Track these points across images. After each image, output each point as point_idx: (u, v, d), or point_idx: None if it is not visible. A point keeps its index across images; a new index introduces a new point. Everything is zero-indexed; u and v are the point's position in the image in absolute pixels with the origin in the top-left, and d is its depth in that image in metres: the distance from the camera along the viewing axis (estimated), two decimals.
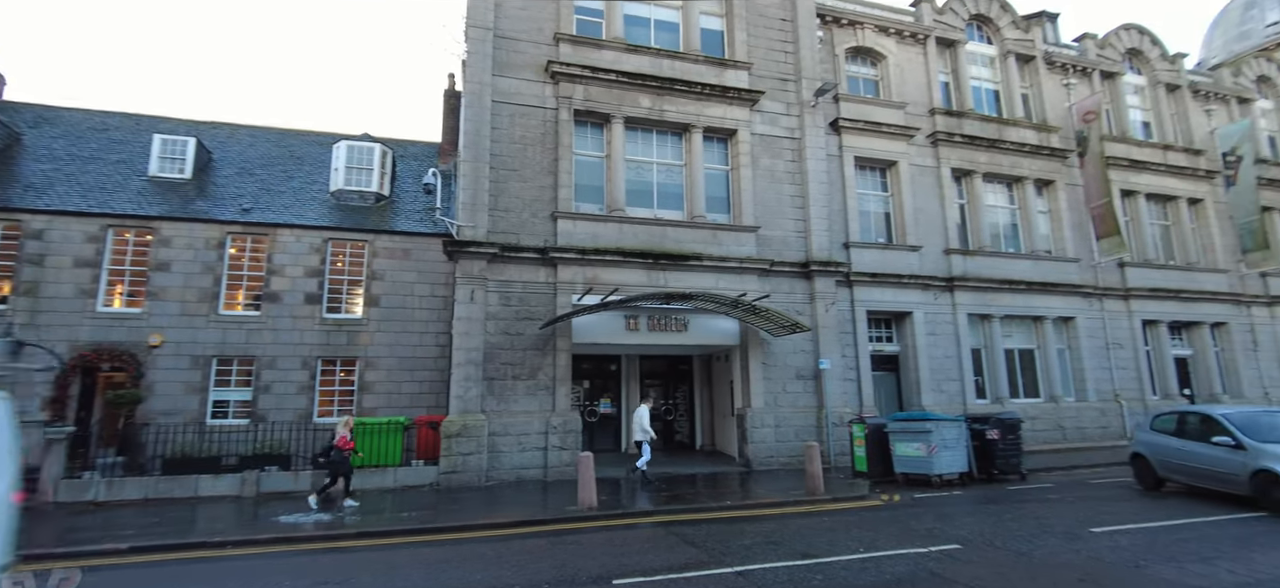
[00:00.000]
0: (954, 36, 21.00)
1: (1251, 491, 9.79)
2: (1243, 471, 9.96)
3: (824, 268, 16.70)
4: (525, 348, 14.27)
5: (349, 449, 11.70)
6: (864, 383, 17.43)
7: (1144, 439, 12.49)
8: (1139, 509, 9.64)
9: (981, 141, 20.26)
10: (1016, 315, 19.94)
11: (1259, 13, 37.67)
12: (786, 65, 17.86)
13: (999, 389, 19.08)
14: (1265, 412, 11.35)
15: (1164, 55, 24.71)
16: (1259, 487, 9.65)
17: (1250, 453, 9.92)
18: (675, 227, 15.75)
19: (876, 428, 14.20)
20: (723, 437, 18.49)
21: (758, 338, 16.05)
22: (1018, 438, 13.98)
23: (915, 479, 13.10)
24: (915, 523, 9.14)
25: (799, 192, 17.19)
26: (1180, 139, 24.10)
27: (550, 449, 13.91)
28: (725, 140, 17.07)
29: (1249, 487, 9.82)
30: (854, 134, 18.63)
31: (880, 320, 18.78)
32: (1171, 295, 22.12)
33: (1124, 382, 20.77)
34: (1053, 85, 22.35)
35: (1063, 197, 21.27)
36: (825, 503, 11.01)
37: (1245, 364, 22.92)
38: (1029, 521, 9.03)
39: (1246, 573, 6.27)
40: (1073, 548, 7.38)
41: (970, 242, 19.94)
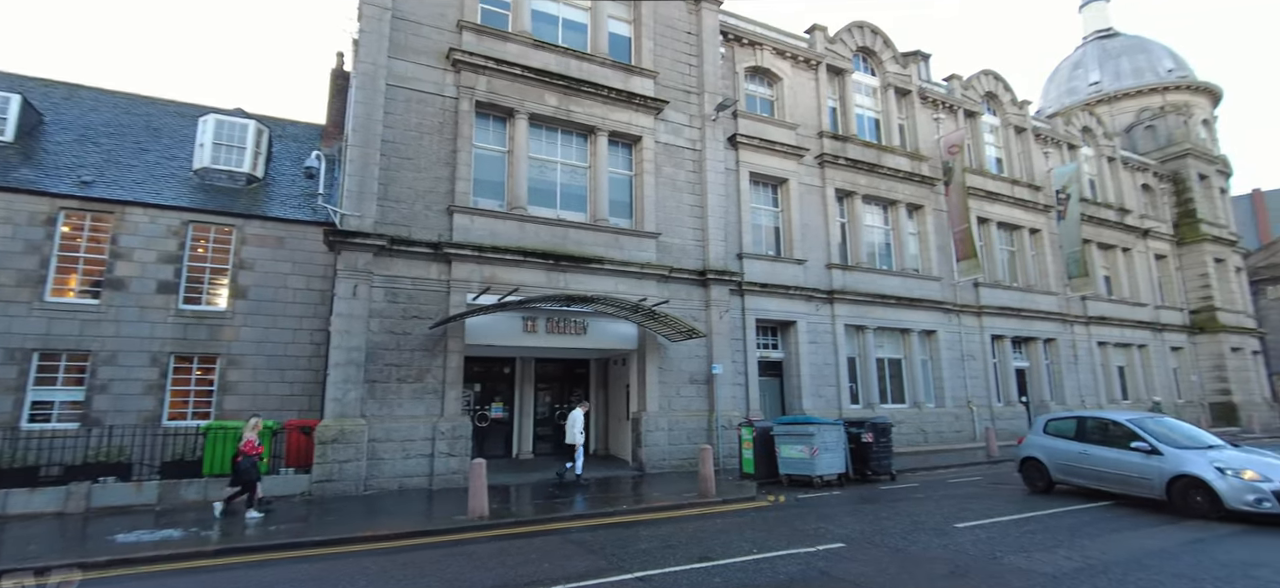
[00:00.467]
0: (842, 66, 22.49)
1: (1168, 496, 10.01)
2: (1159, 477, 10.17)
3: (720, 277, 17.22)
4: (413, 349, 13.51)
5: (256, 454, 10.65)
6: (752, 388, 18.13)
7: (1039, 443, 12.65)
8: (992, 506, 10.69)
9: (863, 165, 21.82)
10: (887, 327, 21.61)
11: (1083, 73, 43.65)
12: (690, 78, 18.29)
13: (871, 395, 20.57)
14: (1155, 418, 11.76)
15: (1014, 101, 27.92)
16: (1178, 492, 9.87)
17: (1168, 459, 10.13)
18: (578, 228, 15.60)
19: (763, 431, 14.77)
20: (617, 441, 18.52)
21: (655, 343, 16.23)
22: (889, 441, 15.11)
23: (798, 480, 13.75)
24: (801, 523, 9.57)
25: (698, 202, 17.63)
26: (1025, 175, 27.29)
27: (437, 456, 13.24)
28: (630, 146, 17.16)
29: (1165, 492, 10.05)
30: (750, 150, 19.41)
31: (767, 328, 19.66)
32: (1015, 314, 24.96)
33: (975, 390, 23.12)
34: (925, 118, 24.53)
35: (930, 220, 23.37)
36: (717, 505, 11.29)
37: (1068, 375, 26.33)
38: (902, 518, 9.74)
39: (1080, 558, 7.13)
40: (942, 543, 8.06)
41: (849, 258, 21.39)
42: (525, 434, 18.44)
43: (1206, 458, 9.87)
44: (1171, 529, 8.69)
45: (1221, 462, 9.69)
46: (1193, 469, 9.77)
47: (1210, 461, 9.78)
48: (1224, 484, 9.34)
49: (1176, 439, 10.60)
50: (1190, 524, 8.97)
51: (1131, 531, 8.63)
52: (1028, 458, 12.80)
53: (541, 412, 19.15)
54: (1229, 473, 9.41)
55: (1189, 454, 10.13)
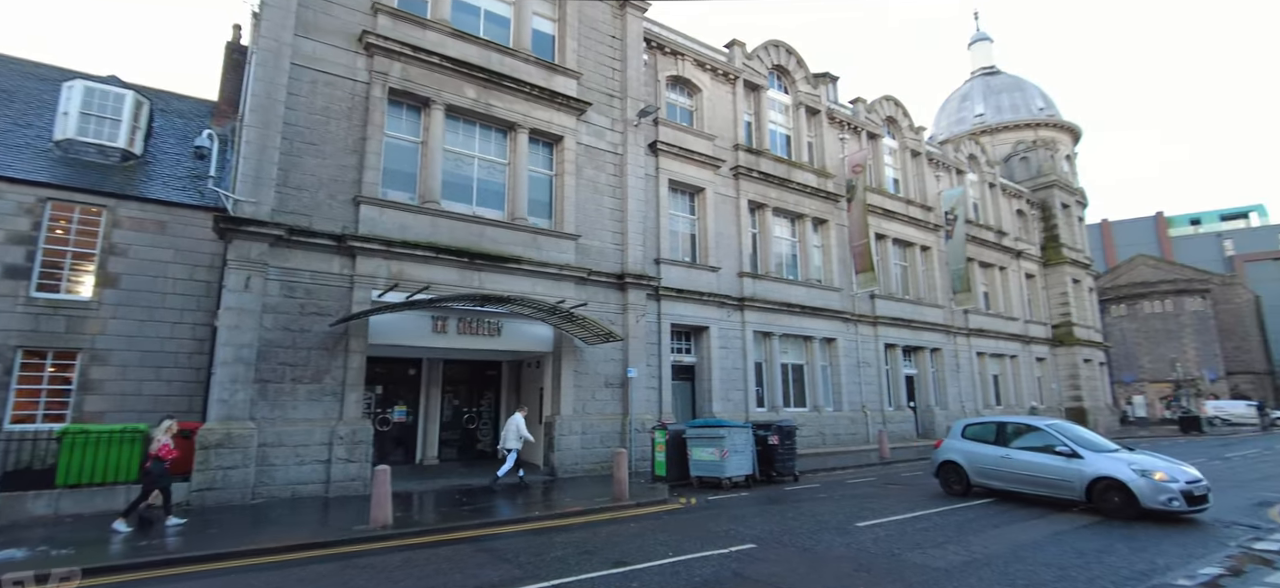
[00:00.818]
0: (759, 82, 23.33)
1: (1088, 497, 10.49)
2: (1079, 479, 10.65)
3: (638, 281, 17.35)
4: (311, 347, 12.65)
5: (170, 459, 9.65)
6: (665, 391, 18.39)
7: (958, 447, 12.90)
8: (887, 505, 11.39)
9: (774, 179, 22.72)
10: (792, 334, 22.58)
11: (970, 105, 47.69)
12: (613, 82, 18.33)
13: (775, 399, 21.42)
14: (1064, 423, 12.45)
15: (911, 126, 30.04)
16: (1098, 494, 10.34)
17: (1088, 463, 10.64)
18: (495, 226, 15.20)
19: (676, 434, 14.98)
20: (529, 446, 18.16)
21: (571, 346, 16.10)
22: (793, 443, 15.75)
23: (708, 482, 14.03)
24: (714, 525, 9.79)
25: (619, 205, 17.68)
26: (918, 196, 29.40)
27: (335, 462, 12.45)
28: (551, 145, 16.95)
29: (1084, 494, 10.53)
30: (670, 158, 19.70)
31: (682, 333, 20.02)
32: (906, 324, 26.81)
33: (869, 395, 24.60)
34: (831, 138, 25.88)
35: (833, 234, 24.67)
36: (631, 509, 11.32)
37: (951, 382, 28.59)
38: (807, 519, 10.19)
39: (967, 553, 7.75)
40: (845, 542, 8.49)
41: (760, 267, 22.19)
42: (430, 439, 17.72)
43: (1124, 462, 10.43)
44: (1039, 523, 9.60)
45: (1137, 464, 10.25)
46: (1112, 472, 10.27)
47: (1127, 463, 10.34)
48: (1140, 486, 9.88)
49: (1090, 444, 11.20)
50: (1055, 518, 9.95)
51: (1008, 526, 9.47)
52: (946, 462, 12.96)
53: (448, 415, 18.50)
54: (1145, 475, 9.98)
55: (1106, 458, 10.67)
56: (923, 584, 6.51)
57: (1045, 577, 6.69)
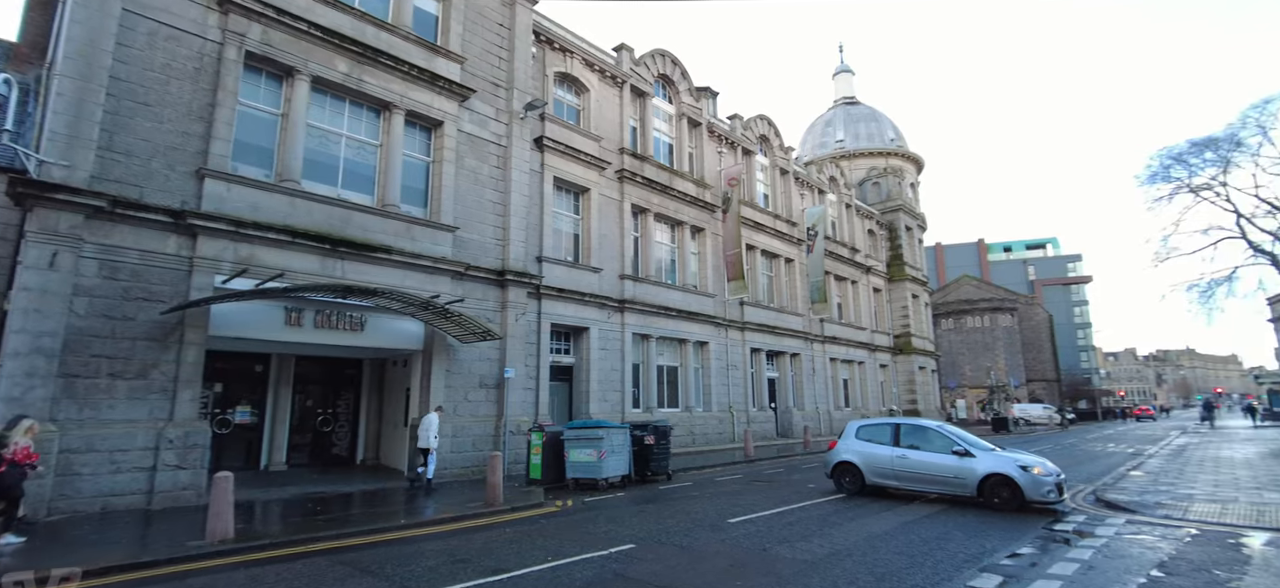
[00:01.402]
0: (645, 89, 23.69)
1: (979, 493, 11.07)
2: (971, 477, 11.23)
3: (518, 278, 16.90)
4: (136, 338, 10.98)
5: (28, 463, 8.20)
6: (542, 392, 18.07)
7: (853, 447, 13.16)
8: (755, 502, 11.95)
9: (657, 186, 23.18)
10: (669, 337, 23.16)
11: (833, 130, 51.79)
12: (500, 71, 17.73)
13: (650, 400, 21.84)
14: (952, 427, 12.99)
15: (782, 146, 31.99)
16: (989, 489, 10.96)
17: (981, 461, 11.25)
18: (363, 212, 14.09)
19: (554, 436, 14.78)
20: (391, 450, 17.09)
21: (444, 344, 15.33)
22: (668, 443, 16.11)
23: (584, 484, 13.97)
24: (592, 527, 9.73)
25: (501, 199, 17.12)
26: (785, 212, 31.37)
27: (162, 469, 10.89)
28: (430, 130, 16.05)
29: (976, 491, 11.11)
30: (555, 155, 19.43)
31: (562, 333, 19.81)
32: (770, 331, 28.47)
33: (736, 396, 25.82)
34: (711, 150, 26.91)
35: (709, 243, 25.63)
36: (505, 514, 10.96)
37: (807, 386, 30.78)
38: (683, 517, 10.42)
39: (831, 545, 8.30)
40: (719, 538, 8.77)
41: (641, 270, 22.53)
42: (279, 442, 16.11)
43: (1010, 459, 11.16)
44: (888, 515, 10.53)
45: (1020, 462, 11.00)
46: (1002, 469, 10.96)
47: (1013, 461, 11.07)
48: (1025, 480, 10.66)
49: (976, 444, 11.85)
50: (901, 510, 10.96)
51: (862, 518, 10.28)
52: (842, 462, 13.15)
53: (299, 417, 16.93)
54: (1026, 471, 10.75)
55: (995, 456, 11.35)
56: (794, 577, 6.87)
57: (899, 564, 7.33)
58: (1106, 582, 6.59)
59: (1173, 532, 9.06)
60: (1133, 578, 6.71)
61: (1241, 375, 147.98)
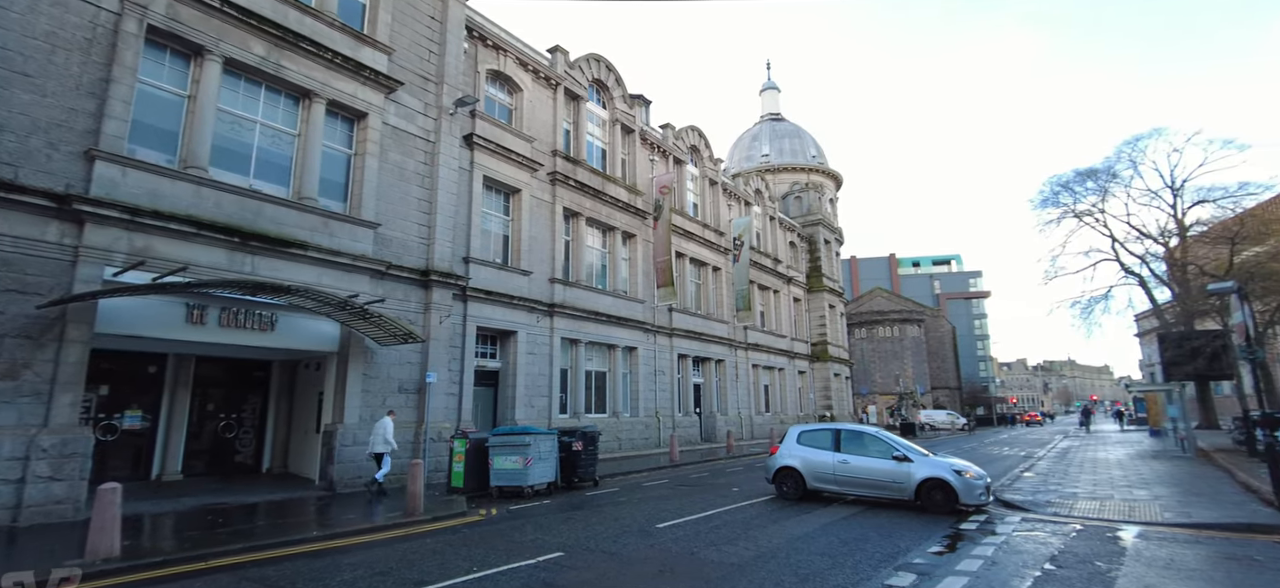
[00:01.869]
0: (579, 92, 23.59)
1: (917, 497, 11.40)
2: (909, 481, 11.55)
3: (444, 279, 16.37)
4: (5, 333, 9.84)
5: None
6: (466, 397, 17.58)
7: (796, 453, 13.24)
8: (682, 506, 12.08)
9: (589, 190, 23.12)
10: (598, 342, 23.11)
11: (759, 145, 53.40)
12: (430, 65, 17.16)
13: (578, 406, 21.70)
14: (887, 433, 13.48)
15: (711, 158, 32.66)
16: (925, 493, 11.32)
17: (918, 466, 11.62)
18: (277, 204, 13.25)
19: (478, 443, 14.43)
20: (300, 457, 16.16)
21: (362, 346, 14.64)
22: (596, 449, 16.05)
23: (509, 491, 13.71)
24: (519, 535, 9.53)
25: (427, 197, 16.55)
26: (713, 222, 32.03)
27: (32, 481, 9.78)
28: (353, 122, 15.30)
29: (914, 494, 11.44)
30: (486, 153, 19.00)
31: (488, 337, 19.36)
32: (697, 337, 28.95)
33: (663, 401, 26.07)
34: (643, 158, 27.11)
35: (640, 249, 25.80)
36: (427, 524, 10.57)
37: (731, 391, 31.49)
38: (611, 523, 10.39)
39: (756, 548, 8.50)
40: (648, 543, 8.80)
41: (571, 274, 22.38)
42: (174, 450, 14.88)
43: (945, 464, 11.57)
44: (808, 518, 10.89)
45: (954, 466, 11.48)
46: (938, 473, 11.38)
47: (949, 465, 11.53)
48: (959, 484, 11.13)
49: (913, 449, 12.20)
50: (820, 512, 11.37)
51: (785, 521, 10.59)
52: (784, 467, 13.21)
53: (198, 422, 15.73)
54: (960, 475, 11.24)
55: (932, 461, 11.76)
56: (722, 580, 6.99)
57: (821, 565, 7.59)
58: (1006, 576, 7.09)
59: (1061, 528, 9.87)
60: (1029, 572, 7.25)
61: (1113, 384, 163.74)
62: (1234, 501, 11.75)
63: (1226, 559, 7.80)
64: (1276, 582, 6.83)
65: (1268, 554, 7.96)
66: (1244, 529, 9.44)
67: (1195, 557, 7.93)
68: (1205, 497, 12.34)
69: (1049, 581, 6.91)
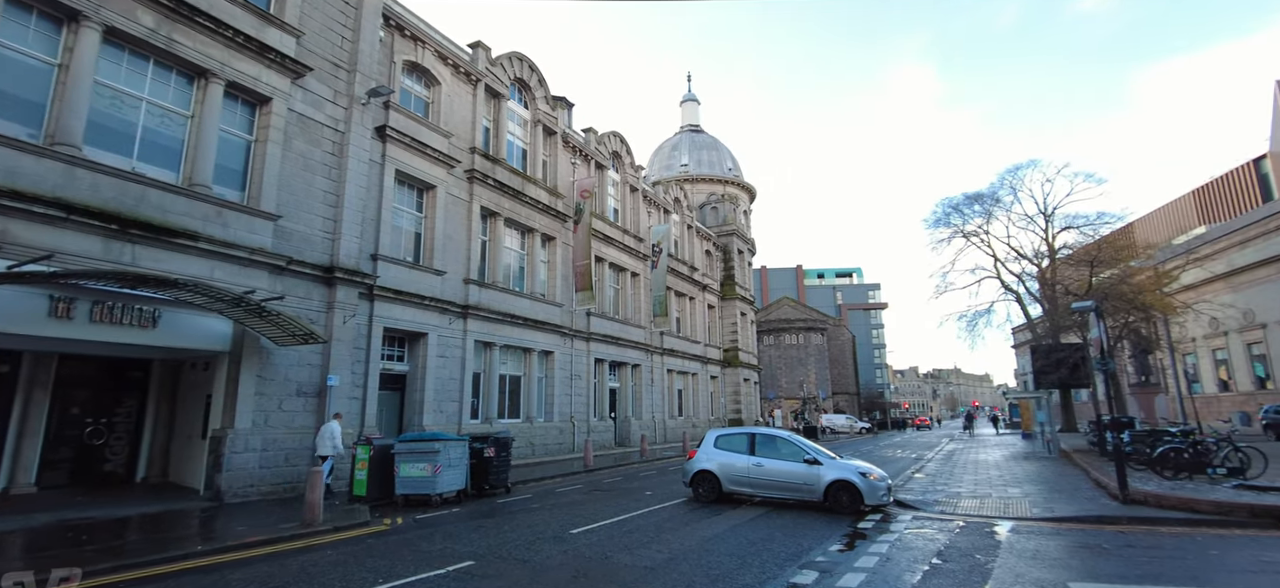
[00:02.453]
0: (500, 90, 23.16)
1: (825, 498, 11.88)
2: (819, 483, 12.01)
3: (349, 277, 15.58)
4: None
5: None
6: (370, 402, 16.82)
7: (714, 457, 13.46)
8: (596, 511, 12.11)
9: (508, 190, 22.73)
10: (513, 346, 22.74)
11: (678, 155, 54.40)
12: (342, 51, 16.31)
13: (490, 410, 21.25)
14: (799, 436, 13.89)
15: (633, 164, 32.97)
16: (832, 494, 11.81)
17: (827, 468, 12.09)
18: (164, 191, 12.15)
19: (383, 449, 13.88)
20: (182, 466, 14.90)
21: (257, 346, 13.69)
22: (509, 455, 15.74)
23: (416, 500, 13.25)
24: (427, 545, 9.22)
25: (334, 189, 15.71)
26: (633, 228, 32.34)
27: None
28: (255, 106, 14.30)
29: (823, 496, 11.91)
30: (399, 147, 18.29)
31: (396, 339, 18.62)
32: (614, 342, 29.10)
33: (578, 406, 26.00)
34: (565, 160, 26.96)
35: (559, 252, 25.63)
36: (327, 534, 10.02)
37: (646, 395, 31.86)
38: (524, 530, 10.25)
39: (669, 551, 8.66)
40: (562, 549, 8.76)
41: (487, 275, 21.91)
42: (26, 460, 13.27)
43: (852, 467, 12.11)
44: (717, 520, 11.21)
45: (859, 469, 12.01)
46: (845, 475, 11.90)
47: (855, 468, 12.08)
48: (864, 486, 11.68)
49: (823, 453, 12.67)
50: (729, 514, 11.72)
51: (696, 524, 10.85)
52: (702, 472, 13.40)
53: (59, 427, 14.14)
54: (865, 477, 11.80)
55: (839, 463, 12.27)
56: (636, 583, 7.08)
57: (730, 565, 7.85)
58: (899, 572, 7.62)
59: (947, 525, 10.70)
60: (919, 566, 7.82)
61: (993, 391, 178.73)
62: (1088, 496, 13.16)
63: (1081, 548, 8.74)
64: (1120, 566, 7.73)
65: (1113, 542, 8.99)
66: (1095, 521, 10.60)
67: (1056, 547, 8.83)
68: (1066, 493, 13.75)
69: (936, 574, 7.49)
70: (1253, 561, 7.78)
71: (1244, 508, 10.39)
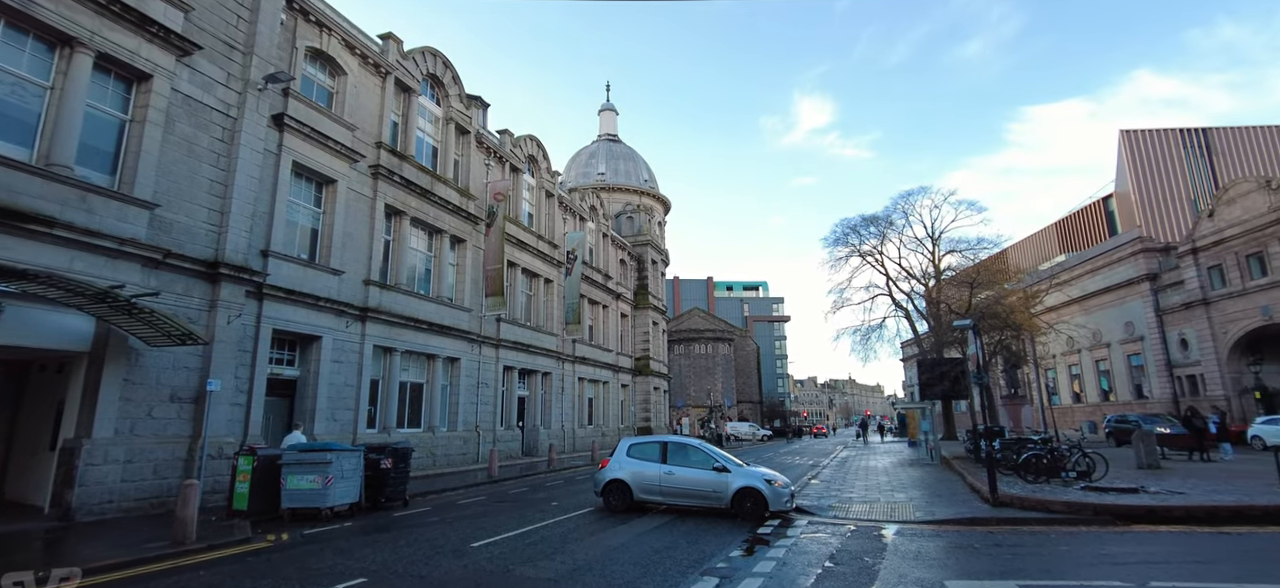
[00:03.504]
0: (411, 85, 22.31)
1: (732, 505, 12.23)
2: (727, 490, 12.36)
3: (236, 273, 14.44)
4: None
5: None
6: (255, 409, 15.65)
7: (626, 466, 13.46)
8: (499, 523, 11.82)
9: (416, 188, 21.89)
10: (416, 351, 21.86)
11: (596, 163, 54.48)
12: (238, 32, 15.14)
13: (389, 419, 20.30)
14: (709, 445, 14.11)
15: (549, 170, 32.67)
16: (738, 501, 12.19)
17: (735, 476, 12.49)
18: (12, 169, 10.74)
19: (269, 460, 12.99)
20: (24, 481, 13.25)
21: (124, 346, 12.40)
22: (408, 466, 15.13)
23: (304, 514, 12.52)
24: (315, 561, 8.68)
25: (223, 179, 14.52)
26: (548, 234, 32.03)
27: None
28: (132, 83, 12.97)
29: (730, 503, 12.26)
30: (299, 138, 17.19)
31: (286, 342, 17.44)
32: (525, 349, 28.64)
33: (484, 415, 25.35)
34: (478, 161, 26.32)
35: (469, 255, 24.95)
36: (201, 553, 9.20)
37: (556, 404, 31.55)
38: (422, 544, 9.85)
39: (573, 561, 8.60)
40: (462, 564, 8.48)
41: (390, 277, 20.96)
42: None
43: (758, 474, 12.54)
44: (622, 530, 11.26)
45: (764, 476, 12.49)
46: (751, 483, 12.32)
47: (761, 475, 12.52)
48: (768, 492, 12.14)
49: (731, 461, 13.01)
50: (635, 523, 11.81)
51: (601, 533, 10.85)
52: (614, 481, 13.39)
53: None
54: (770, 484, 12.28)
55: (746, 471, 12.69)
56: None
57: (634, 574, 7.90)
58: (794, 575, 7.96)
59: (840, 529, 11.29)
60: (813, 570, 8.21)
61: (883, 401, 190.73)
62: (964, 500, 14.31)
63: (957, 548, 9.49)
64: (988, 564, 8.46)
65: (983, 542, 9.83)
66: (969, 523, 11.55)
67: (935, 548, 9.54)
68: (945, 497, 14.88)
69: (829, 576, 7.88)
70: (1094, 554, 8.75)
71: (1089, 508, 11.67)
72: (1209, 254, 37.25)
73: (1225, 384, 36.16)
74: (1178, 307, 39.32)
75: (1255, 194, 35.08)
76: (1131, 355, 43.46)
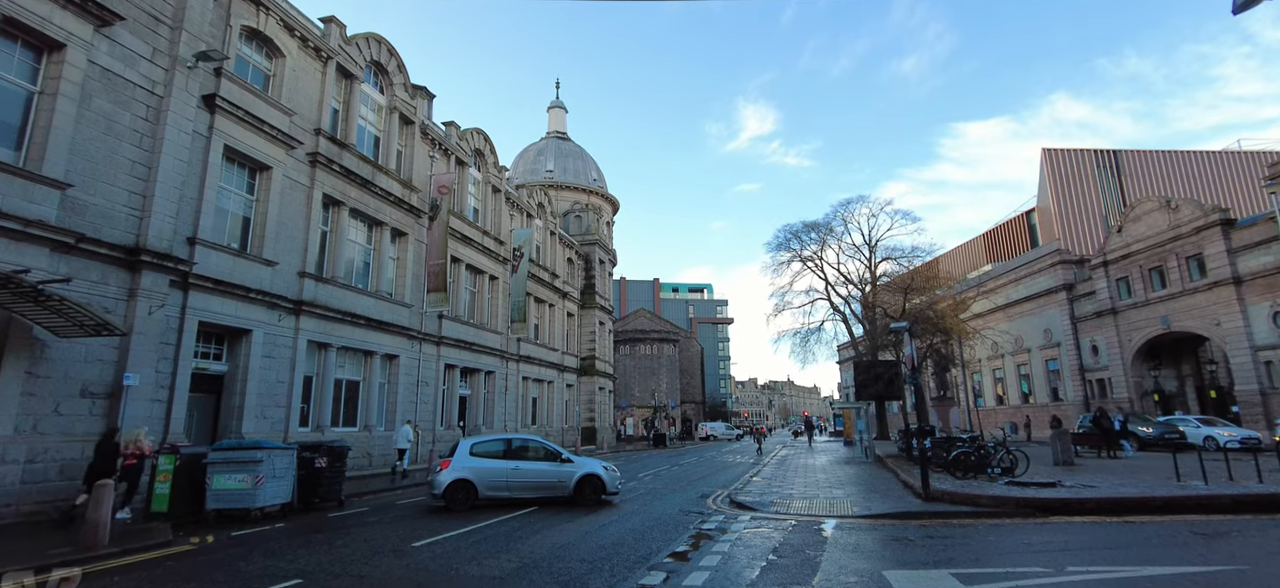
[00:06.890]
0: (353, 71, 21.51)
1: (575, 492, 13.94)
2: (571, 479, 14.02)
3: (159, 261, 13.56)
4: None
5: None
6: (177, 406, 14.74)
7: (469, 466, 13.58)
8: (444, 523, 11.54)
9: (356, 178, 21.12)
10: (353, 348, 21.08)
11: (544, 160, 53.94)
12: (165, 4, 14.20)
13: (323, 418, 19.51)
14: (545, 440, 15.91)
15: (496, 164, 32.13)
16: (578, 488, 13.98)
17: (578, 465, 14.22)
18: None
19: (193, 458, 12.39)
20: None
21: (28, 337, 11.45)
22: (343, 466, 14.66)
23: (232, 515, 11.99)
24: (245, 564, 8.26)
25: (145, 159, 13.61)
26: (494, 230, 31.48)
27: None
28: (42, 51, 11.99)
29: (573, 491, 13.94)
30: (231, 120, 16.30)
31: (213, 335, 16.51)
32: (467, 347, 28.06)
33: (423, 414, 24.68)
34: (422, 153, 25.62)
35: (411, 249, 24.25)
36: (114, 558, 8.62)
37: (499, 403, 31.04)
38: (360, 544, 9.51)
39: (519, 559, 8.47)
40: (403, 564, 8.23)
41: (326, 269, 20.15)
42: None
43: (597, 464, 14.46)
44: (569, 527, 11.20)
45: (605, 464, 14.59)
46: (593, 470, 14.21)
47: (600, 463, 14.56)
48: (608, 477, 14.20)
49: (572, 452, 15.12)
50: (582, 521, 11.74)
51: (547, 531, 10.74)
52: (458, 480, 13.37)
53: None
54: (608, 471, 14.37)
55: (587, 461, 14.53)
56: None
57: (581, 570, 7.85)
58: (739, 569, 8.09)
59: (781, 524, 11.56)
60: (757, 563, 8.37)
61: (820, 402, 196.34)
62: (898, 495, 14.90)
63: (893, 541, 9.88)
64: (922, 554, 8.83)
65: (918, 534, 10.26)
66: (904, 517, 12.04)
67: (872, 540, 9.90)
68: (880, 493, 15.46)
69: (772, 569, 8.06)
70: (1018, 543, 9.28)
71: (1012, 502, 12.36)
72: (1118, 267, 40.11)
73: (1129, 387, 39.01)
74: (1090, 315, 42.15)
75: (1157, 213, 38.02)
76: (1049, 361, 46.30)
